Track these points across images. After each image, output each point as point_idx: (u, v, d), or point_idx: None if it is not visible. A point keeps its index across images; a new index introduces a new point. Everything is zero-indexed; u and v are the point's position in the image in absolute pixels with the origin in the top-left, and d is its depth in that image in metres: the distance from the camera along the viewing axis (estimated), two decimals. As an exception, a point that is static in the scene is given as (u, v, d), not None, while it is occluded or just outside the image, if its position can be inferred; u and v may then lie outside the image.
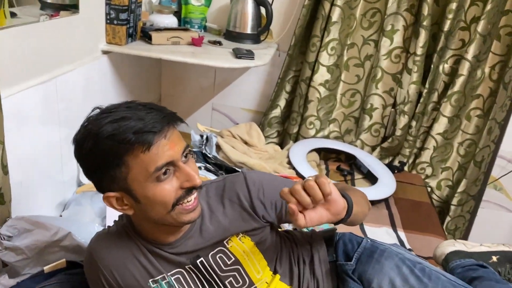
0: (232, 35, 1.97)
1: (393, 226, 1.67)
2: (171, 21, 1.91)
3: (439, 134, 2.01)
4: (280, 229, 1.16)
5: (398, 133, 2.00)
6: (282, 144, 2.16)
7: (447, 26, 1.82)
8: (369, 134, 2.09)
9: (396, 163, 2.10)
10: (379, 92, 2.00)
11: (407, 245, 1.56)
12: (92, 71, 1.56)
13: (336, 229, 1.18)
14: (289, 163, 1.87)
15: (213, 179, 1.05)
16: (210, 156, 1.71)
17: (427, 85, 1.93)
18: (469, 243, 1.34)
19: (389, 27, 1.89)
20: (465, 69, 1.87)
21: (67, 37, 1.40)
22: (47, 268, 1.04)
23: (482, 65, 1.89)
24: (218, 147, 1.81)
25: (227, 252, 0.94)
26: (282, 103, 2.12)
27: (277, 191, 0.90)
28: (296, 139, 2.11)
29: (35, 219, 1.08)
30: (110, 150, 0.78)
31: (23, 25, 1.19)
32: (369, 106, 2.03)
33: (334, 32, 1.90)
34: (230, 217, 0.94)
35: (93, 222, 1.25)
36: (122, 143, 0.77)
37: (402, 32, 1.90)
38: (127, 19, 1.63)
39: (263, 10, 1.94)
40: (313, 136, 2.10)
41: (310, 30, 1.95)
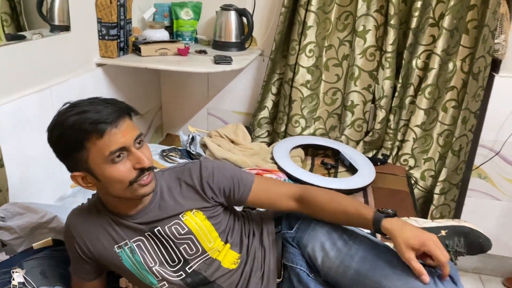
0: (218, 44, 2.15)
1: (366, 211, 1.78)
2: (162, 35, 2.11)
3: (417, 126, 2.10)
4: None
5: (377, 127, 2.11)
6: (272, 143, 2.31)
7: (414, 23, 1.94)
8: (353, 129, 2.21)
9: (379, 156, 2.21)
10: (358, 89, 2.13)
11: (375, 227, 1.67)
12: (86, 82, 1.78)
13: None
14: (272, 158, 2.02)
15: (175, 164, 1.22)
16: (194, 153, 1.88)
17: (400, 80, 2.04)
18: (421, 219, 1.44)
19: (361, 28, 2.02)
20: (435, 63, 1.97)
21: (60, 52, 1.62)
22: (35, 245, 1.23)
23: (453, 58, 1.99)
24: (205, 146, 1.98)
25: (182, 224, 1.10)
26: (269, 104, 2.28)
27: (226, 179, 1.08)
28: (284, 138, 2.26)
29: (26, 205, 1.29)
30: (72, 137, 0.96)
31: (16, 43, 1.41)
32: (350, 103, 2.16)
33: (310, 35, 2.05)
34: (185, 196, 1.11)
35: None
36: (80, 132, 0.95)
37: (374, 31, 2.03)
38: (117, 35, 1.85)
39: (245, 19, 2.12)
40: (300, 133, 2.24)
41: (289, 35, 2.11)
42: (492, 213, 2.21)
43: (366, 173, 1.98)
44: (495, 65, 1.99)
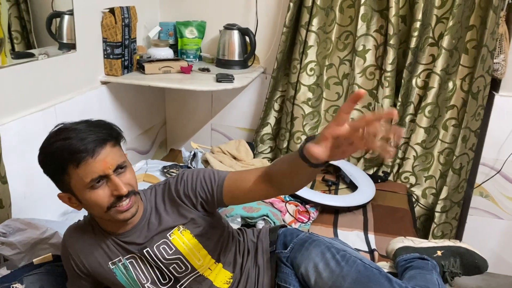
0: (221, 62, 2.20)
1: (365, 229, 1.79)
2: (167, 53, 2.16)
3: (417, 144, 2.12)
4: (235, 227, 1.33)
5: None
6: (274, 158, 2.33)
7: (413, 43, 1.96)
8: (354, 147, 2.22)
9: (380, 173, 2.22)
10: (358, 107, 2.15)
11: (373, 245, 1.68)
12: (91, 99, 1.82)
13: (285, 226, 1.34)
14: (273, 175, 2.04)
15: (160, 181, 1.23)
16: (195, 169, 1.91)
17: (400, 98, 2.06)
18: (417, 239, 1.45)
19: (361, 47, 2.05)
20: (435, 82, 1.99)
21: (65, 71, 1.67)
22: (36, 260, 1.26)
23: (452, 77, 2.00)
24: (207, 162, 2.01)
25: (169, 243, 1.12)
26: (272, 121, 2.31)
27: (199, 179, 1.08)
28: (286, 153, 2.28)
29: (28, 221, 1.32)
30: (54, 163, 1.01)
31: (23, 63, 1.45)
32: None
33: (311, 54, 2.09)
34: (170, 213, 1.13)
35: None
36: (60, 159, 0.98)
37: (373, 51, 2.06)
38: (121, 53, 1.89)
39: (247, 38, 2.16)
40: (301, 150, 2.25)
41: (290, 54, 2.14)
42: (494, 232, 2.21)
43: (366, 190, 1.99)
44: (495, 84, 2.01)
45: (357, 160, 2.25)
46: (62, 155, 0.97)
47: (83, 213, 1.60)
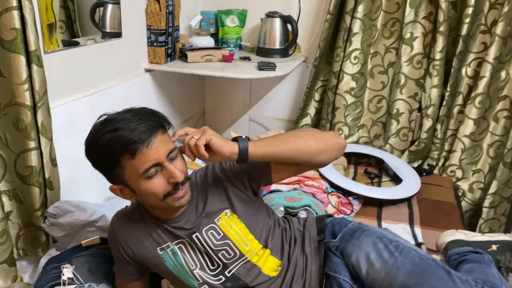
0: (262, 51, 2.17)
1: (411, 223, 1.73)
2: (208, 42, 2.15)
3: (466, 136, 2.03)
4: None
5: (423, 136, 2.05)
6: (314, 150, 2.29)
7: (464, 30, 1.88)
8: (398, 138, 2.16)
9: (425, 166, 2.14)
10: (403, 97, 2.08)
11: (420, 239, 1.62)
12: (135, 86, 1.83)
13: (331, 215, 1.30)
14: (314, 165, 2.00)
15: (202, 167, 1.22)
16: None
17: (448, 88, 1.98)
18: (470, 232, 1.39)
19: (408, 35, 1.98)
20: (487, 71, 1.90)
21: (111, 57, 1.68)
22: (84, 242, 1.28)
23: (505, 66, 1.90)
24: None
25: (217, 229, 1.11)
26: (311, 111, 2.27)
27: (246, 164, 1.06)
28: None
29: (76, 203, 1.34)
30: (105, 156, 0.98)
31: (72, 48, 1.47)
32: (395, 111, 2.11)
33: (356, 42, 2.03)
34: (216, 195, 1.12)
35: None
36: (113, 152, 0.96)
37: (421, 38, 1.98)
38: (165, 41, 1.90)
39: (289, 26, 2.12)
40: (342, 142, 2.21)
41: (333, 41, 2.09)
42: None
43: (411, 183, 1.93)
44: (552, 74, 1.90)
45: (401, 152, 2.18)
46: (115, 147, 0.95)
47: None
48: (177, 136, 1.03)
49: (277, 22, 2.12)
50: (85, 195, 1.59)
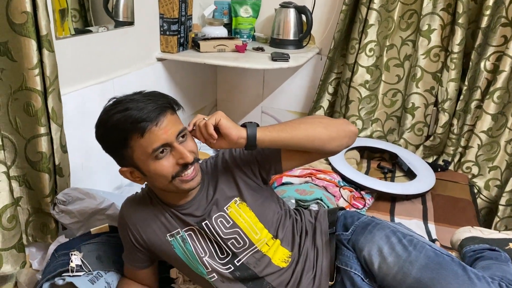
0: (276, 42, 2.14)
1: (425, 219, 1.70)
2: (221, 32, 2.13)
3: (483, 132, 1.98)
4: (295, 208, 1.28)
5: (439, 131, 2.01)
6: (326, 144, 2.25)
7: (484, 22, 1.83)
8: (412, 133, 2.12)
9: (440, 162, 2.10)
10: (419, 91, 2.04)
11: (434, 235, 1.59)
12: (147, 75, 1.82)
13: (343, 208, 1.28)
14: (327, 159, 1.97)
15: (213, 155, 1.21)
16: (248, 149, 1.88)
17: (466, 82, 1.93)
18: (486, 230, 1.35)
19: (425, 27, 1.93)
20: (507, 65, 1.85)
21: (123, 45, 1.67)
22: (93, 230, 1.27)
23: (527, 60, 1.85)
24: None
25: (227, 217, 1.09)
26: (325, 104, 2.23)
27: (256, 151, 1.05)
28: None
29: (86, 191, 1.33)
30: (115, 136, 0.97)
31: (83, 34, 1.46)
32: (410, 105, 2.07)
33: (371, 34, 1.99)
34: (226, 183, 1.10)
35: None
36: (122, 131, 0.95)
37: (439, 31, 1.93)
38: (177, 30, 1.88)
39: (304, 17, 2.09)
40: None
41: (348, 33, 2.05)
42: None
43: (425, 179, 1.89)
44: None
45: (415, 147, 2.14)
46: (124, 126, 0.94)
47: (138, 187, 1.61)
48: (192, 125, 1.02)
49: (292, 12, 2.08)
50: (95, 183, 1.58)
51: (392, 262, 1.02)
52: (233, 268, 1.11)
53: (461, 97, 1.96)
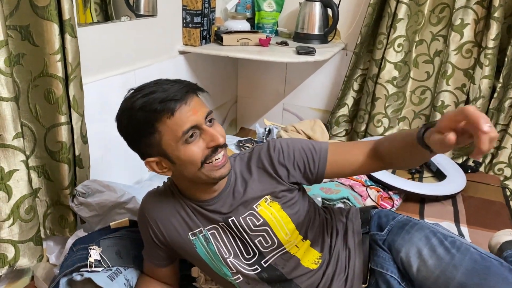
0: (300, 37, 2.07)
1: (457, 221, 1.62)
2: (244, 26, 2.07)
3: (517, 132, 1.89)
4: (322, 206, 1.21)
5: (470, 130, 1.92)
6: (350, 142, 2.18)
7: (522, 16, 1.74)
8: (441, 132, 2.03)
9: (470, 163, 2.01)
10: (450, 88, 1.95)
11: (467, 238, 1.50)
12: (168, 68, 1.77)
13: (375, 207, 1.20)
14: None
15: (243, 151, 1.14)
16: (271, 145, 1.82)
17: (501, 80, 1.84)
18: (526, 234, 1.26)
19: (458, 21, 1.85)
20: (545, 62, 1.76)
21: (146, 36, 1.62)
22: (113, 224, 1.22)
23: None
24: (282, 140, 1.91)
25: (256, 215, 1.02)
26: (349, 101, 2.16)
27: (298, 151, 0.99)
28: (364, 137, 2.13)
29: (106, 183, 1.28)
30: (142, 120, 0.90)
31: (106, 23, 1.41)
32: (440, 103, 1.98)
33: (400, 29, 1.91)
34: (257, 182, 1.02)
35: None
36: (150, 112, 0.89)
37: (473, 26, 1.85)
38: (200, 22, 1.82)
39: (330, 11, 2.02)
40: (382, 134, 2.10)
41: (376, 28, 1.98)
42: None
43: (456, 180, 1.81)
44: None
45: (444, 147, 2.05)
46: (152, 107, 0.88)
47: (158, 182, 1.55)
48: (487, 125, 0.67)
49: (317, 6, 2.02)
50: (115, 177, 1.53)
51: (433, 265, 0.95)
52: (260, 269, 1.04)
53: (495, 95, 1.87)
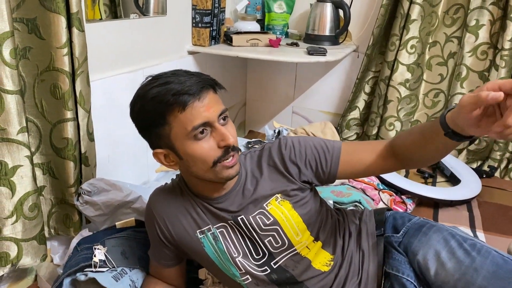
0: (310, 38, 2.04)
1: (472, 227, 1.56)
2: (253, 27, 2.05)
3: (534, 136, 1.83)
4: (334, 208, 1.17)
5: (485, 134, 1.87)
6: (361, 146, 2.14)
7: (539, 17, 1.69)
8: (455, 136, 1.98)
9: (485, 167, 1.96)
10: (464, 91, 1.91)
11: (485, 244, 1.45)
12: (177, 68, 1.72)
13: (390, 209, 1.16)
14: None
15: (254, 148, 1.10)
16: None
17: (517, 82, 1.79)
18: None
19: (473, 22, 1.81)
20: None
21: (154, 35, 1.60)
22: (118, 223, 1.19)
23: None
24: (291, 143, 1.87)
25: (266, 213, 0.98)
26: (361, 104, 2.12)
27: (310, 149, 0.95)
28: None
29: (112, 182, 1.25)
30: (154, 110, 0.88)
31: (115, 20, 1.39)
32: (454, 106, 1.93)
33: (413, 30, 1.87)
34: (268, 180, 0.99)
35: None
36: (162, 104, 0.86)
37: (488, 27, 1.80)
38: (210, 22, 1.80)
39: (341, 12, 1.99)
40: (393, 138, 2.05)
41: (388, 29, 1.95)
42: None
43: (470, 184, 1.76)
44: None
45: (458, 151, 2.00)
46: (164, 99, 0.85)
47: (167, 180, 1.52)
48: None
49: (328, 7, 1.99)
50: (121, 177, 1.50)
51: (452, 268, 0.90)
52: (269, 270, 1.00)
53: (511, 98, 1.82)
